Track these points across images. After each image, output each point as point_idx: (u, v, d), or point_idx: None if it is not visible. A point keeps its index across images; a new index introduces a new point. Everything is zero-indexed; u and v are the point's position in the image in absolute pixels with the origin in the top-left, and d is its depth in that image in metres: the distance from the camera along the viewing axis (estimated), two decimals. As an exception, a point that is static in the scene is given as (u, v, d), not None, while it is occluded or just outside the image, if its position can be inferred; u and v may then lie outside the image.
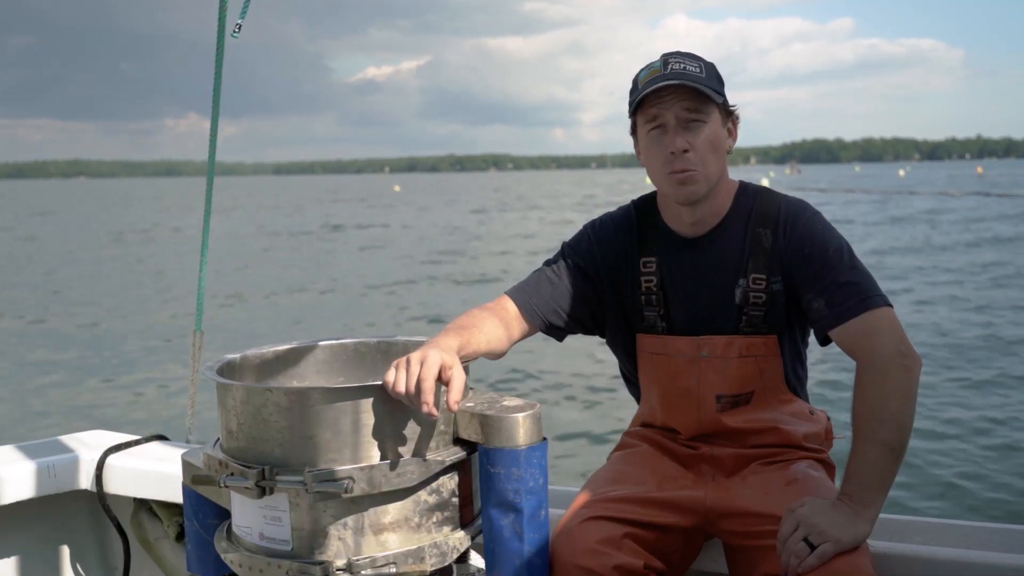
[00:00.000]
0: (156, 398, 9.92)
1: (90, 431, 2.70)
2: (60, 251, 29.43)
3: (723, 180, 1.90)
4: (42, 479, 2.39)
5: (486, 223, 38.86)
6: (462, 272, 20.60)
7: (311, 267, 23.15)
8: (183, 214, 50.85)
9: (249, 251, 27.58)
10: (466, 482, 1.64)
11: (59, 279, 21.62)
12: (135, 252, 28.68)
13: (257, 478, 1.50)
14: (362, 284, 19.02)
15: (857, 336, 1.74)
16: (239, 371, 1.79)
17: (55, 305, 17.41)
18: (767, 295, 1.86)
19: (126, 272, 23.03)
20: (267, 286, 18.99)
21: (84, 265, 24.96)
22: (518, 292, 1.95)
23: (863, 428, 1.67)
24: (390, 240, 30.52)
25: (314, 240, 31.92)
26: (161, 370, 11.24)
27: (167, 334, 13.59)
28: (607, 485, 1.86)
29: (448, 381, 1.55)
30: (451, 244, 28.05)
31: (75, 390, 10.42)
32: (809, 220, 1.86)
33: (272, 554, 1.56)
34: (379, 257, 25.27)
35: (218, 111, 2.46)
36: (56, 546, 2.55)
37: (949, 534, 1.80)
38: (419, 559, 1.55)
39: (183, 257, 25.09)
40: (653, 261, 1.94)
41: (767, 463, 1.88)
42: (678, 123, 1.82)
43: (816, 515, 1.62)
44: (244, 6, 2.29)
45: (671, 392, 1.93)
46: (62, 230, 40.65)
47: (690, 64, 1.84)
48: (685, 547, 1.85)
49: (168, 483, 2.33)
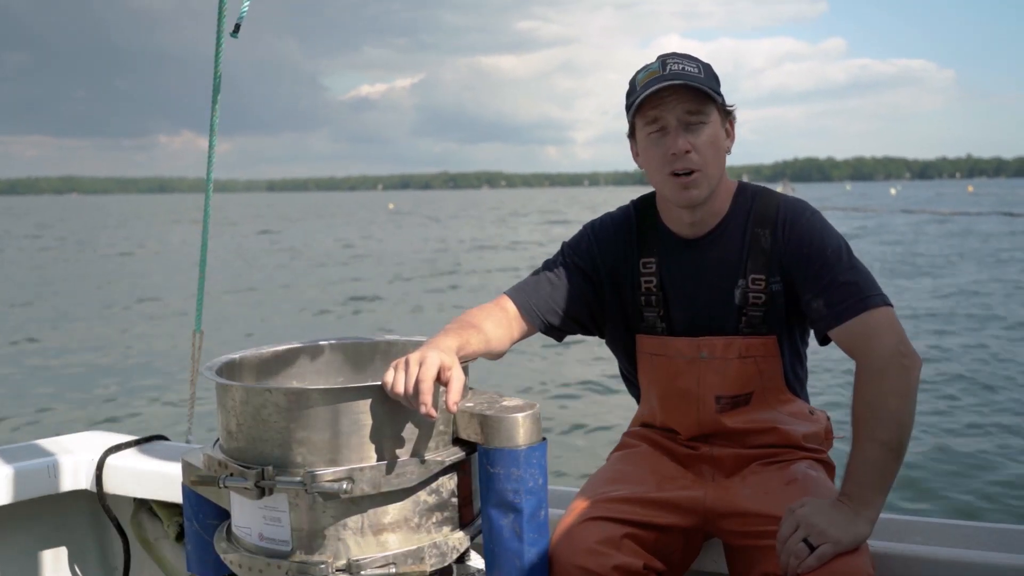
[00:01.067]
0: (156, 398, 9.92)
1: (90, 431, 2.70)
2: (59, 258, 29.42)
3: (722, 181, 1.90)
4: (42, 479, 2.39)
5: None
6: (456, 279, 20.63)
7: (311, 269, 23.13)
8: (179, 227, 50.91)
9: (247, 256, 27.56)
10: (466, 482, 1.64)
11: (59, 279, 21.61)
12: (135, 255, 28.67)
13: (256, 478, 1.50)
14: (356, 288, 19.04)
15: (856, 336, 1.73)
16: (239, 371, 1.79)
17: (56, 305, 17.40)
18: (766, 295, 1.86)
19: (126, 273, 23.02)
20: (267, 286, 18.99)
21: (84, 266, 24.95)
22: (517, 292, 1.95)
23: (862, 428, 1.67)
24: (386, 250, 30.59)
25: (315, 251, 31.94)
26: (161, 370, 11.23)
27: (167, 334, 13.58)
28: (607, 485, 1.86)
29: (447, 382, 1.55)
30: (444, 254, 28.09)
31: (75, 391, 10.42)
32: (808, 220, 1.86)
33: (272, 554, 1.56)
34: (377, 258, 25.25)
35: (217, 112, 2.46)
36: (56, 546, 2.55)
37: (949, 534, 1.80)
38: (419, 559, 1.55)
39: (183, 262, 25.09)
40: (653, 262, 1.94)
41: (767, 463, 1.88)
42: (679, 124, 1.82)
43: (816, 515, 1.62)
44: (244, 5, 2.28)
45: (671, 393, 1.93)
46: (58, 239, 40.69)
47: (688, 64, 1.83)
48: (685, 547, 1.85)
49: (168, 483, 2.33)
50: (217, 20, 2.35)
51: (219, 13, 2.34)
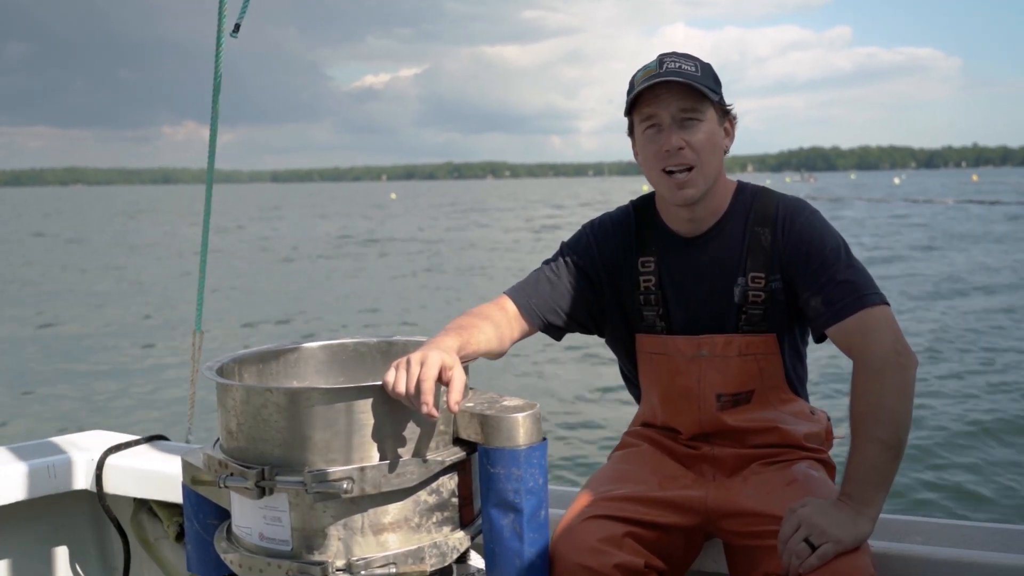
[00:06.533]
0: (156, 398, 9.92)
1: (90, 431, 2.70)
2: (59, 254, 29.41)
3: (720, 179, 1.90)
4: (42, 479, 2.39)
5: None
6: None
7: (311, 268, 23.14)
8: (181, 221, 50.84)
9: (248, 254, 27.57)
10: (466, 482, 1.64)
11: (59, 280, 21.62)
12: (135, 254, 28.67)
13: (257, 478, 1.50)
14: (361, 286, 19.02)
15: (854, 334, 1.74)
16: (239, 371, 1.79)
17: (55, 305, 17.40)
18: (766, 294, 1.86)
19: (126, 272, 23.02)
20: (266, 286, 18.99)
21: (83, 266, 24.96)
22: (517, 292, 1.95)
23: (861, 427, 1.67)
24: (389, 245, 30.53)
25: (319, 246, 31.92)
26: (161, 370, 11.24)
27: (167, 334, 13.59)
28: (608, 484, 1.86)
29: (448, 382, 1.55)
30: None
31: (75, 390, 10.42)
32: (807, 219, 1.86)
33: (272, 554, 1.56)
34: (379, 257, 25.26)
35: (217, 111, 2.46)
36: (56, 546, 2.55)
37: (949, 534, 1.80)
38: (419, 559, 1.55)
39: (183, 261, 25.08)
40: (652, 260, 1.94)
41: (768, 463, 1.88)
42: (673, 122, 1.82)
43: (817, 515, 1.62)
44: (243, 5, 2.29)
45: (671, 391, 1.93)
46: (61, 234, 40.65)
47: (685, 63, 1.84)
48: (686, 546, 1.85)
49: (168, 483, 2.32)
50: (217, 20, 2.35)
51: (219, 13, 2.34)
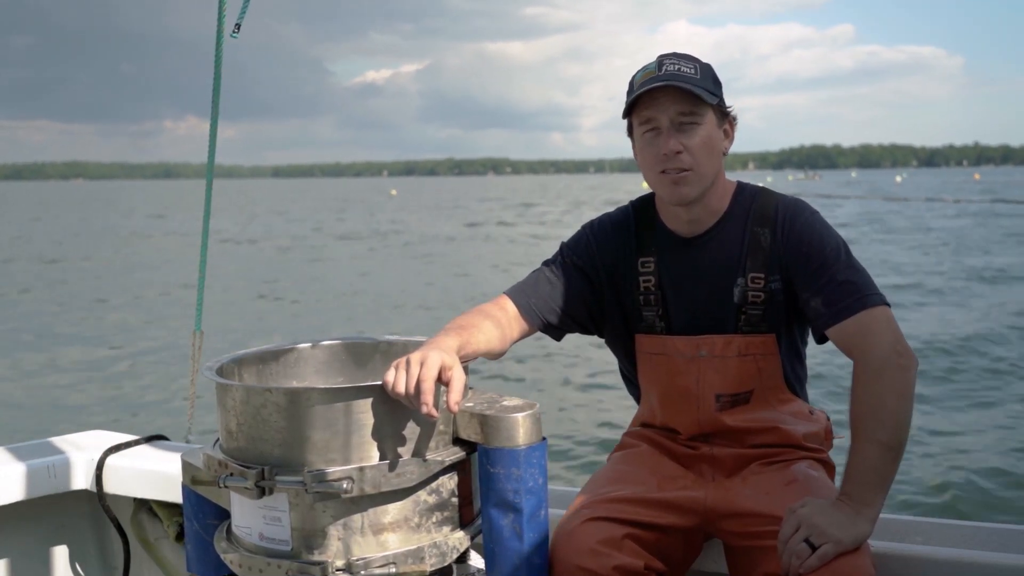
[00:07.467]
0: (156, 398, 9.92)
1: (90, 431, 2.69)
2: (58, 251, 29.40)
3: (719, 180, 1.90)
4: (42, 479, 2.39)
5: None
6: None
7: (309, 268, 23.14)
8: (183, 215, 50.79)
9: (248, 251, 27.56)
10: (466, 482, 1.64)
11: (58, 281, 21.61)
12: (135, 252, 28.67)
13: (256, 478, 1.50)
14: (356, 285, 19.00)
15: (854, 335, 1.74)
16: (239, 371, 1.79)
17: (55, 306, 17.40)
18: (766, 294, 1.86)
19: (125, 272, 23.02)
20: (266, 287, 18.99)
21: (82, 266, 24.95)
22: (517, 292, 1.95)
23: (861, 427, 1.67)
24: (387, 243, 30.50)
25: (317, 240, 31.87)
26: (161, 370, 11.23)
27: (167, 334, 13.58)
28: (607, 485, 1.86)
29: (448, 382, 1.55)
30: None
31: (75, 390, 10.42)
32: (807, 219, 1.86)
33: (272, 554, 1.56)
34: (377, 257, 25.26)
35: (217, 110, 2.46)
36: (56, 546, 2.55)
37: (949, 534, 1.80)
38: (419, 559, 1.55)
39: (183, 258, 25.06)
40: (651, 261, 1.94)
41: (767, 463, 1.88)
42: (672, 125, 1.82)
43: (817, 515, 1.62)
44: (243, 6, 2.28)
45: (670, 392, 1.93)
46: (59, 230, 40.62)
47: (685, 65, 1.84)
48: (685, 547, 1.85)
49: (168, 483, 2.32)
50: (217, 20, 2.35)
51: (219, 13, 2.34)
